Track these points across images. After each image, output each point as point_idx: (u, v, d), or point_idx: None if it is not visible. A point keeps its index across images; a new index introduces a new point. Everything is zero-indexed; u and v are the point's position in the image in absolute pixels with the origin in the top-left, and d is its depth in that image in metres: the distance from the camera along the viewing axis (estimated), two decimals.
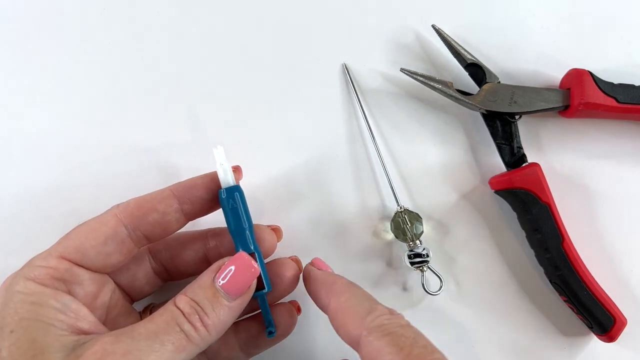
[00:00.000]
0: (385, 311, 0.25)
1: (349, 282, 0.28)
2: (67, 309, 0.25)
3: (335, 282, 0.28)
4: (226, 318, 0.26)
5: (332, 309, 0.27)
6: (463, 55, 0.37)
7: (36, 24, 0.38)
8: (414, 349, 0.23)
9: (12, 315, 0.24)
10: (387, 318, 0.24)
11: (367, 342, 0.24)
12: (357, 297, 0.26)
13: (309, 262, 0.31)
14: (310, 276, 0.30)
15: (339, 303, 0.26)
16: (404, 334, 0.23)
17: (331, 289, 0.27)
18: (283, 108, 0.38)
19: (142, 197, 0.29)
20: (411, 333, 0.24)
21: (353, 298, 0.26)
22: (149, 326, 0.25)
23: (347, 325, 0.25)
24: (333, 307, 0.27)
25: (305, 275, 0.30)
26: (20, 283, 0.25)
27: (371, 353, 0.23)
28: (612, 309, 0.34)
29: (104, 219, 0.28)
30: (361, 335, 0.24)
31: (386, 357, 0.23)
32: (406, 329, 0.24)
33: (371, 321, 0.24)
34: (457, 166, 0.38)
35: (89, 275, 0.27)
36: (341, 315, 0.26)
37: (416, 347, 0.23)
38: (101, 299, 0.28)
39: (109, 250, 0.27)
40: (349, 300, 0.26)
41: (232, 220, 0.29)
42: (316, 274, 0.29)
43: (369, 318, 0.24)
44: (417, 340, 0.23)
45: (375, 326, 0.24)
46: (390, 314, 0.25)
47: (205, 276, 0.27)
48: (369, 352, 0.23)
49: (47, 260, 0.26)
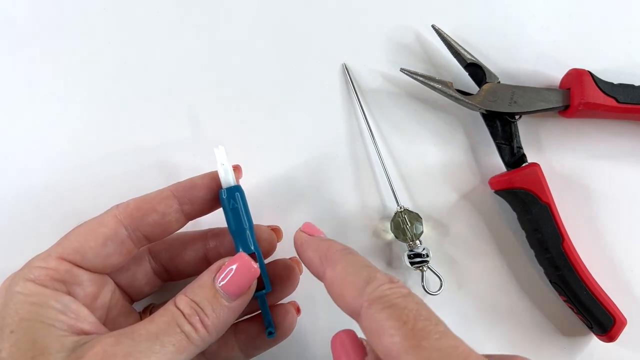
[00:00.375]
0: (385, 279, 0.23)
1: (344, 248, 0.26)
2: (68, 310, 0.25)
3: (329, 248, 0.26)
4: (226, 319, 0.26)
5: (328, 279, 0.25)
6: (463, 55, 0.37)
7: (36, 24, 0.38)
8: (418, 322, 0.21)
9: (12, 316, 0.24)
10: (388, 288, 0.23)
11: (367, 315, 0.22)
12: (353, 265, 0.25)
13: (299, 228, 0.29)
14: (302, 244, 0.28)
15: (335, 273, 0.25)
16: (407, 306, 0.22)
17: (325, 257, 0.26)
18: (283, 108, 0.38)
19: (141, 197, 0.29)
20: (413, 304, 0.22)
21: (349, 266, 0.25)
22: (150, 327, 0.25)
23: (345, 297, 0.24)
24: (329, 277, 0.25)
25: (297, 243, 0.28)
26: (20, 284, 0.25)
27: (372, 326, 0.22)
28: (612, 309, 0.34)
29: (103, 219, 0.28)
30: (361, 306, 0.23)
31: (389, 331, 0.21)
32: (408, 299, 0.23)
33: (371, 292, 0.23)
34: (457, 166, 0.38)
35: (88, 276, 0.27)
36: (338, 286, 0.24)
37: (420, 320, 0.21)
38: (101, 299, 0.28)
39: (109, 251, 0.27)
40: (345, 269, 0.25)
41: (233, 220, 0.29)
42: (308, 240, 0.28)
43: (368, 288, 0.23)
44: (420, 312, 0.22)
45: (375, 297, 0.23)
46: (391, 282, 0.23)
47: (205, 276, 0.27)
48: (370, 325, 0.22)
49: (46, 261, 0.26)
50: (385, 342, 0.21)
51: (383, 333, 0.21)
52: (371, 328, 0.22)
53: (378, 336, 0.22)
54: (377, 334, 0.22)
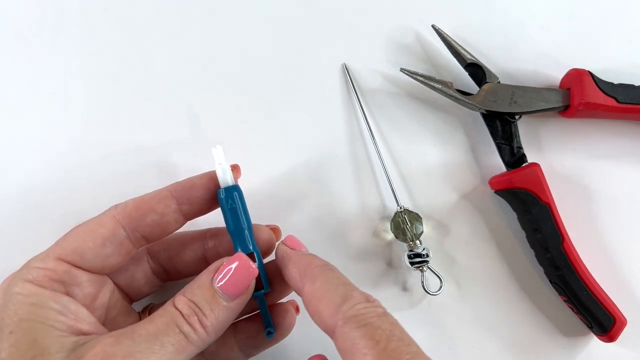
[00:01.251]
0: (362, 299, 0.24)
1: (324, 265, 0.26)
2: (67, 310, 0.25)
3: (309, 264, 0.26)
4: (225, 319, 0.26)
5: (306, 294, 0.25)
6: (463, 55, 0.37)
7: (36, 24, 0.38)
8: (391, 343, 0.22)
9: (11, 317, 0.24)
10: (363, 307, 0.23)
11: (342, 333, 0.23)
12: (331, 282, 0.25)
13: (281, 241, 0.30)
14: (283, 257, 0.28)
15: (314, 289, 0.25)
16: (380, 326, 0.22)
17: (305, 273, 0.26)
18: (283, 108, 0.38)
19: (140, 197, 0.29)
20: (387, 324, 0.23)
21: (327, 283, 0.25)
22: (149, 327, 0.25)
23: (321, 314, 0.24)
24: (307, 292, 0.25)
25: (278, 256, 0.29)
26: (19, 284, 0.25)
27: (346, 344, 0.22)
28: (612, 309, 0.34)
29: (101, 220, 0.28)
30: (336, 324, 0.23)
31: (362, 350, 0.22)
32: (383, 319, 0.23)
33: (346, 310, 0.23)
34: (457, 166, 0.38)
35: (87, 277, 0.27)
36: (315, 302, 0.25)
37: (392, 341, 0.22)
38: (100, 299, 0.28)
39: (107, 251, 0.27)
40: (323, 286, 0.25)
41: (231, 220, 0.29)
42: (289, 254, 0.28)
43: (344, 307, 0.23)
44: (394, 333, 0.22)
45: (350, 315, 0.23)
46: (367, 302, 0.24)
47: (204, 276, 0.27)
48: (344, 343, 0.23)
49: (45, 262, 0.26)
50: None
51: (356, 352, 0.22)
52: (345, 346, 0.23)
53: (351, 355, 0.22)
54: (351, 353, 0.22)
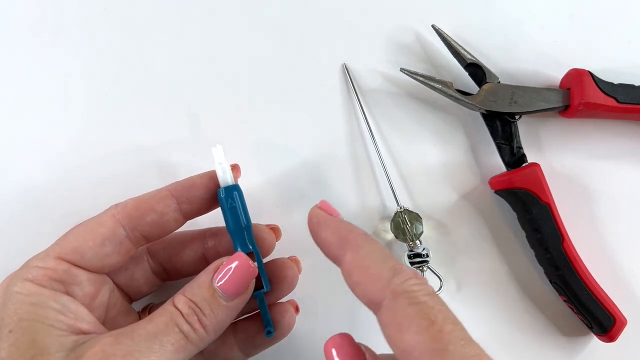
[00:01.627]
0: (412, 274, 0.22)
1: (366, 234, 0.25)
2: (66, 310, 0.25)
3: (351, 231, 0.24)
4: (224, 318, 0.26)
5: (349, 263, 0.24)
6: (463, 55, 0.37)
7: (36, 24, 0.38)
8: (446, 325, 0.20)
9: (11, 316, 0.24)
10: (415, 283, 0.22)
11: (392, 307, 0.21)
12: (378, 253, 0.23)
13: (316, 205, 0.27)
14: (320, 222, 0.26)
15: (358, 258, 0.23)
16: (435, 306, 0.21)
17: (347, 240, 0.24)
18: (283, 108, 0.38)
19: (140, 197, 0.29)
20: (441, 305, 0.21)
21: (374, 254, 0.23)
22: (149, 327, 0.25)
23: (367, 285, 0.22)
24: (350, 261, 0.24)
25: (314, 221, 0.26)
26: (18, 284, 0.25)
27: (396, 320, 0.21)
28: (612, 309, 0.34)
29: (101, 219, 0.28)
30: (384, 298, 0.22)
31: (414, 328, 0.20)
32: (436, 299, 0.21)
33: (398, 284, 0.21)
34: (457, 166, 0.38)
35: (87, 276, 0.27)
36: (360, 273, 0.23)
37: (448, 323, 0.20)
38: (100, 299, 0.28)
39: (107, 251, 0.27)
40: (369, 256, 0.23)
41: (231, 220, 0.29)
42: (326, 219, 0.26)
43: (395, 280, 0.22)
44: (448, 315, 0.21)
45: (402, 291, 0.21)
46: (417, 279, 0.22)
47: (204, 276, 0.27)
48: (394, 318, 0.21)
49: (44, 261, 0.26)
50: (407, 339, 0.20)
51: (408, 329, 0.20)
52: (394, 322, 0.21)
53: (400, 332, 0.21)
54: (400, 329, 0.21)
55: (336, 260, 0.25)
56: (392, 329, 0.21)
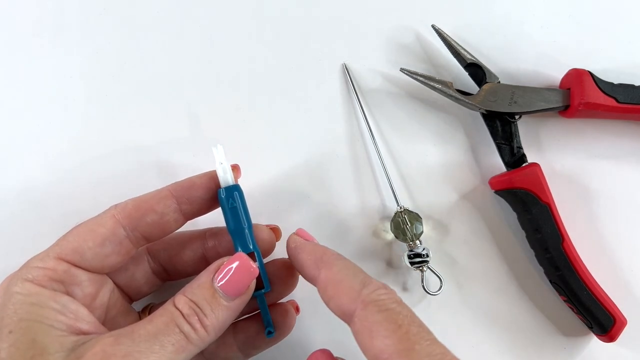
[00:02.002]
0: (380, 285, 0.24)
1: (338, 254, 0.27)
2: (66, 310, 0.25)
3: (324, 252, 0.27)
4: (225, 318, 0.26)
5: (323, 280, 0.26)
6: (463, 55, 0.37)
7: (36, 23, 0.38)
8: (412, 328, 0.22)
9: (10, 316, 0.24)
10: (383, 293, 0.24)
11: (362, 316, 0.23)
12: (349, 269, 0.25)
13: (293, 232, 0.30)
14: (297, 246, 0.28)
15: (331, 274, 0.25)
16: (401, 312, 0.23)
17: (321, 260, 0.26)
18: (283, 108, 0.38)
19: (140, 197, 0.29)
20: (407, 311, 0.23)
21: (345, 269, 0.25)
22: (149, 327, 0.25)
23: (340, 298, 0.24)
24: (324, 278, 0.26)
25: (291, 245, 0.29)
26: (19, 284, 0.25)
27: (366, 327, 0.23)
28: (612, 309, 0.34)
29: (101, 220, 0.28)
30: (356, 308, 0.23)
31: (383, 332, 0.22)
32: (402, 306, 0.23)
33: (367, 294, 0.23)
34: (457, 166, 0.38)
35: (87, 276, 0.27)
36: (333, 288, 0.25)
37: (414, 326, 0.22)
38: (100, 299, 0.28)
39: (107, 251, 0.27)
40: (341, 272, 0.25)
41: (232, 220, 0.29)
42: (303, 244, 0.28)
43: (364, 291, 0.24)
44: (414, 319, 0.23)
45: (371, 300, 0.23)
46: (385, 289, 0.24)
47: (204, 276, 0.27)
48: (364, 326, 0.23)
49: (44, 262, 0.26)
50: (377, 344, 0.22)
51: (377, 335, 0.22)
52: (364, 329, 0.23)
53: (370, 338, 0.22)
54: (370, 336, 0.22)
55: (313, 279, 0.27)
56: (364, 336, 0.23)
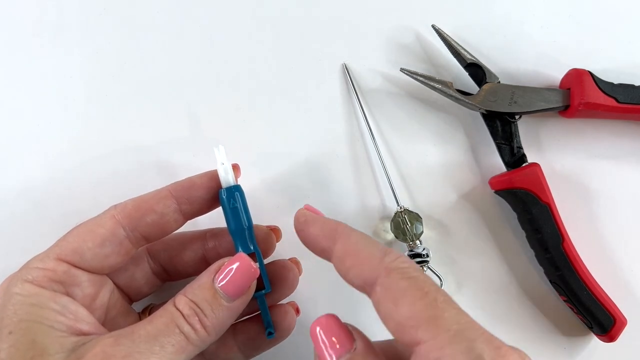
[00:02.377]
0: (401, 254, 0.23)
1: (351, 227, 0.26)
2: (66, 311, 0.25)
3: (338, 224, 0.26)
4: (225, 319, 0.26)
5: (340, 251, 0.24)
6: (463, 55, 0.37)
7: (36, 23, 0.38)
8: (439, 296, 0.21)
9: (10, 317, 0.24)
10: (406, 261, 0.23)
11: (386, 284, 0.22)
12: (367, 239, 0.24)
13: (301, 208, 0.28)
14: (307, 220, 0.27)
15: (349, 244, 0.24)
16: (427, 280, 0.22)
17: (336, 231, 0.25)
18: (283, 108, 0.38)
19: (139, 197, 0.29)
20: (431, 280, 0.22)
21: (363, 239, 0.24)
22: (149, 328, 0.25)
23: (360, 267, 0.23)
24: (341, 249, 0.25)
25: (300, 220, 0.27)
26: (18, 285, 0.25)
27: (390, 295, 0.22)
28: (612, 309, 0.34)
29: (101, 220, 0.28)
30: (378, 276, 0.22)
31: (409, 299, 0.21)
32: (426, 275, 0.22)
33: (389, 262, 0.22)
34: (457, 166, 0.38)
35: (87, 277, 0.27)
36: (353, 257, 0.24)
37: (440, 294, 0.21)
38: (100, 299, 0.28)
39: (107, 251, 0.27)
40: (359, 242, 0.24)
41: (232, 220, 0.29)
42: (314, 217, 0.27)
43: (386, 259, 0.23)
44: (439, 289, 0.22)
45: (394, 268, 0.22)
46: (406, 257, 0.23)
47: (205, 277, 0.27)
48: (388, 294, 0.22)
49: (44, 262, 0.26)
50: (403, 311, 0.21)
51: (403, 302, 0.21)
52: (388, 297, 0.22)
53: (395, 305, 0.21)
54: (395, 303, 0.21)
55: (325, 252, 0.26)
56: (387, 304, 0.22)
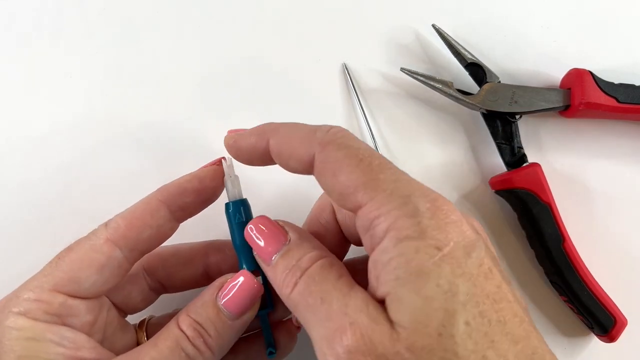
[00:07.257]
0: (332, 125, 0.23)
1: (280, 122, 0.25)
2: (65, 340, 0.23)
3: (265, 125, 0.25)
4: (229, 337, 0.25)
5: (275, 145, 0.24)
6: (463, 55, 0.36)
7: (36, 23, 0.37)
8: (374, 160, 0.21)
9: (7, 353, 0.22)
10: (338, 131, 0.23)
11: (322, 158, 0.22)
12: (295, 125, 0.24)
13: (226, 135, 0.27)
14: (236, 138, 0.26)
15: (280, 136, 0.24)
16: (360, 147, 0.22)
17: (264, 131, 0.25)
18: (283, 108, 0.37)
19: (129, 212, 0.26)
20: (366, 146, 0.22)
21: (292, 126, 0.24)
22: (153, 354, 0.23)
23: (296, 151, 0.23)
24: (275, 143, 0.24)
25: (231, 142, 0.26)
26: (11, 318, 0.23)
27: (328, 167, 0.22)
28: (613, 309, 0.34)
29: (95, 245, 0.25)
30: (313, 152, 0.22)
31: (345, 168, 0.21)
32: (360, 142, 0.22)
33: (322, 137, 0.22)
34: (457, 166, 0.37)
35: (85, 305, 0.25)
36: (286, 146, 0.23)
37: (375, 158, 0.21)
38: (99, 322, 0.26)
39: (106, 277, 0.25)
40: (289, 129, 0.24)
41: (238, 236, 0.27)
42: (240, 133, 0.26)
43: (318, 134, 0.22)
44: (374, 153, 0.22)
45: (328, 141, 0.22)
46: (338, 127, 0.23)
47: (208, 294, 0.25)
48: (326, 167, 0.22)
49: (38, 294, 0.24)
50: (342, 179, 0.21)
51: (340, 171, 0.21)
52: (326, 169, 0.22)
53: (334, 176, 0.22)
54: (333, 174, 0.22)
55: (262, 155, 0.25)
56: (327, 176, 0.22)
